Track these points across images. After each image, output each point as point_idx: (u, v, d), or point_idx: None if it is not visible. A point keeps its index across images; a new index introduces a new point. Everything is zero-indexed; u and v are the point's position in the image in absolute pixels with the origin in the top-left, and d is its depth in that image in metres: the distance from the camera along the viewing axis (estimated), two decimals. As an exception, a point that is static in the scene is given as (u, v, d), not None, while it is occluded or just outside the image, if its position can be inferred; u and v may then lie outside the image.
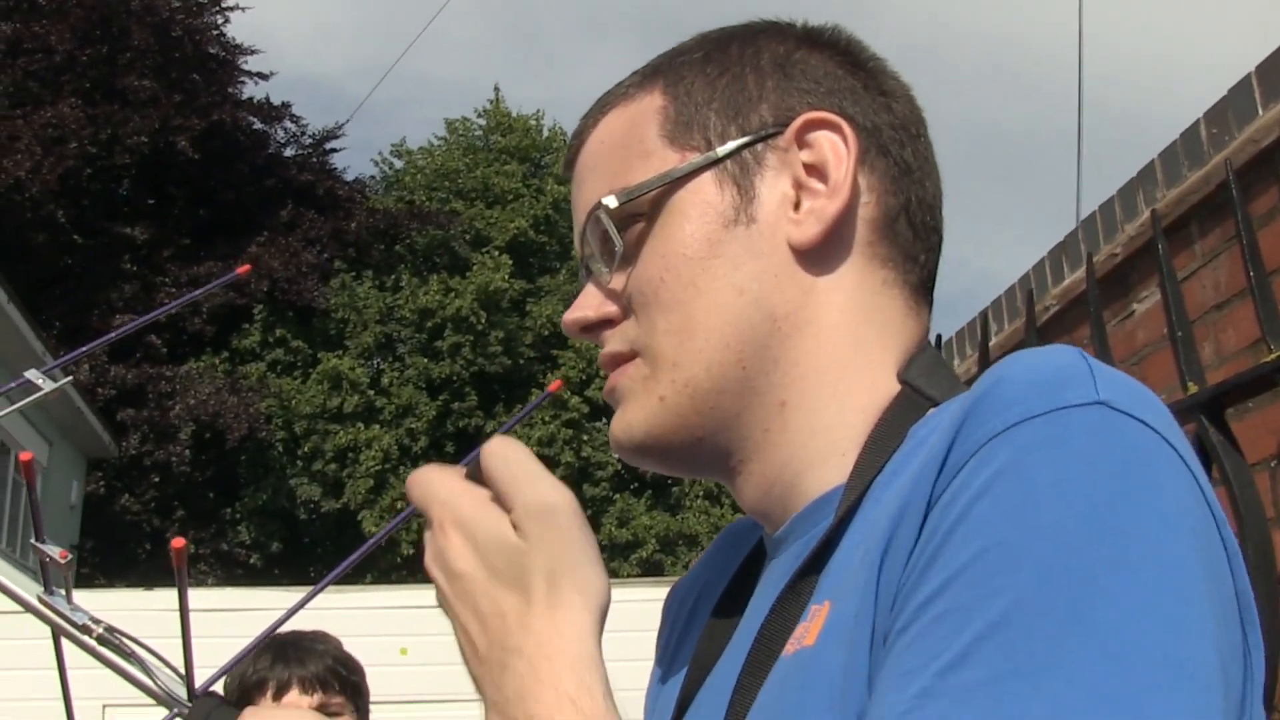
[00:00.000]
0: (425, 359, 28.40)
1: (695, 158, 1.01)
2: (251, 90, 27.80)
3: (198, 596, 7.48)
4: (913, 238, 1.02)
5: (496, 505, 0.89)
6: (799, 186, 1.00)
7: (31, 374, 1.44)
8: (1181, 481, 0.76)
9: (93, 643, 1.21)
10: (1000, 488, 0.74)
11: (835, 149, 0.99)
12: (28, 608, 1.24)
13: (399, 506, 26.57)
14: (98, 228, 24.18)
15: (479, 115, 33.69)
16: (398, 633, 6.05)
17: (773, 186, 1.00)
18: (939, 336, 3.94)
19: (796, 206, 1.00)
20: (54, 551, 1.20)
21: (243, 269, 1.89)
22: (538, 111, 33.59)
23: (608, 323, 1.05)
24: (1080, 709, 0.68)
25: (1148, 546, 0.72)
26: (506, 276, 28.52)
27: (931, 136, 1.07)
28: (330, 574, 1.34)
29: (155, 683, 1.23)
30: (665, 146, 1.02)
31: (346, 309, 28.09)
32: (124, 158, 23.89)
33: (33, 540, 1.20)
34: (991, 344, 3.78)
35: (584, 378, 27.76)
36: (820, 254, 0.99)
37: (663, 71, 1.06)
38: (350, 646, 2.75)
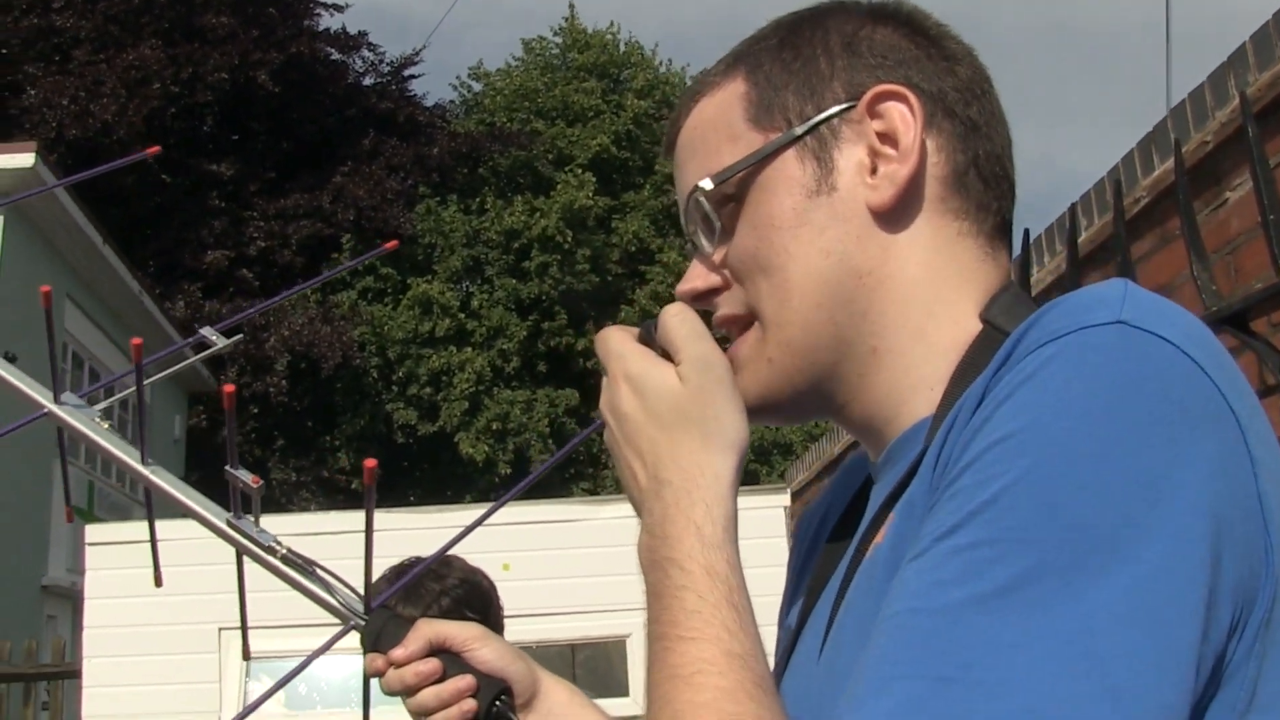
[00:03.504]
0: (513, 280, 28.53)
1: (777, 137, 1.11)
2: (327, 21, 27.93)
3: (332, 519, 7.63)
4: (983, 189, 1.11)
5: (663, 360, 1.07)
6: (873, 154, 1.09)
7: (206, 331, 1.53)
8: (1195, 390, 0.83)
9: (277, 563, 1.30)
10: (1020, 393, 0.85)
11: (903, 117, 1.08)
12: (217, 532, 1.32)
13: (494, 427, 26.90)
14: (184, 166, 24.45)
15: (555, 33, 33.58)
16: (500, 549, 6.14)
17: (849, 156, 1.09)
18: (1026, 233, 3.88)
19: (873, 172, 1.09)
20: (246, 477, 1.28)
21: (390, 244, 1.98)
22: (612, 25, 33.43)
23: (714, 291, 1.16)
24: (1034, 578, 0.78)
25: (1133, 449, 0.80)
26: (590, 194, 28.50)
27: (997, 91, 1.16)
28: (515, 488, 1.46)
29: (335, 598, 1.33)
30: (750, 129, 1.13)
31: (433, 234, 28.24)
32: (206, 95, 24.11)
33: (226, 467, 1.28)
34: (1080, 239, 3.72)
35: (672, 293, 27.73)
36: (897, 213, 1.08)
37: (743, 59, 1.17)
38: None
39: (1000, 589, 0.78)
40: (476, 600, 2.70)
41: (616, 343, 1.11)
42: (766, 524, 7.66)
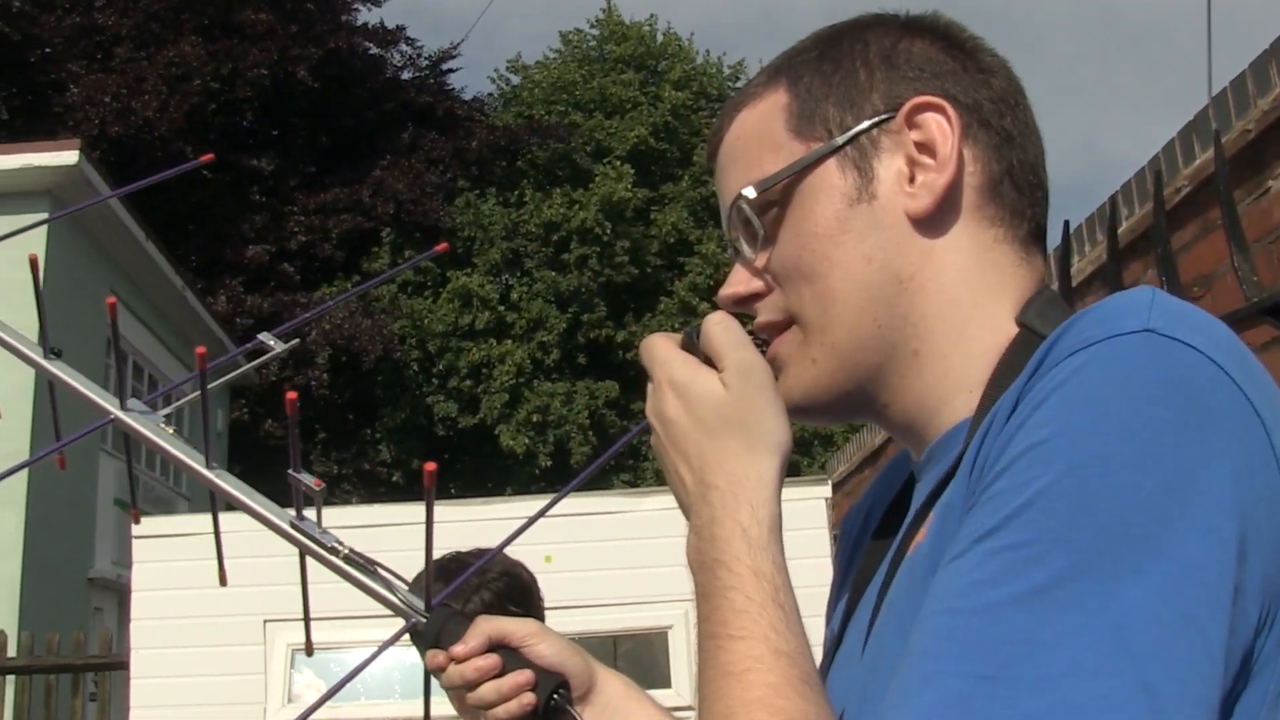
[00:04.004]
0: (553, 272, 28.58)
1: (818, 147, 1.14)
2: (365, 16, 28.04)
3: (374, 512, 7.68)
4: (1018, 196, 1.14)
5: (706, 367, 1.11)
6: (912, 163, 1.12)
7: (264, 336, 1.57)
8: (1220, 394, 0.86)
9: (340, 563, 1.33)
10: (1052, 400, 0.87)
11: (941, 128, 1.11)
12: (281, 533, 1.35)
13: (534, 420, 26.95)
14: (225, 162, 24.61)
15: (592, 25, 33.61)
16: (542, 542, 6.15)
17: (888, 165, 1.13)
18: (1066, 224, 3.87)
19: (911, 181, 1.12)
20: (308, 480, 1.32)
21: (440, 246, 2.01)
22: (651, 17, 33.42)
23: (756, 296, 1.19)
24: (1070, 578, 0.81)
25: (1161, 452, 0.83)
26: (629, 186, 28.52)
27: (1030, 101, 1.19)
28: (579, 476, 1.48)
29: (396, 596, 1.37)
30: (792, 139, 1.16)
31: (472, 227, 28.32)
32: (246, 91, 24.25)
33: (289, 470, 1.32)
34: (1120, 230, 3.71)
35: (711, 284, 27.74)
36: (935, 220, 1.12)
37: (784, 71, 1.20)
38: (499, 555, 2.78)
39: (1038, 588, 0.81)
40: (518, 593, 2.71)
41: (661, 350, 1.14)
42: (808, 515, 7.66)
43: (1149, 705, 0.77)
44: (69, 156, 14.14)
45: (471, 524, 5.37)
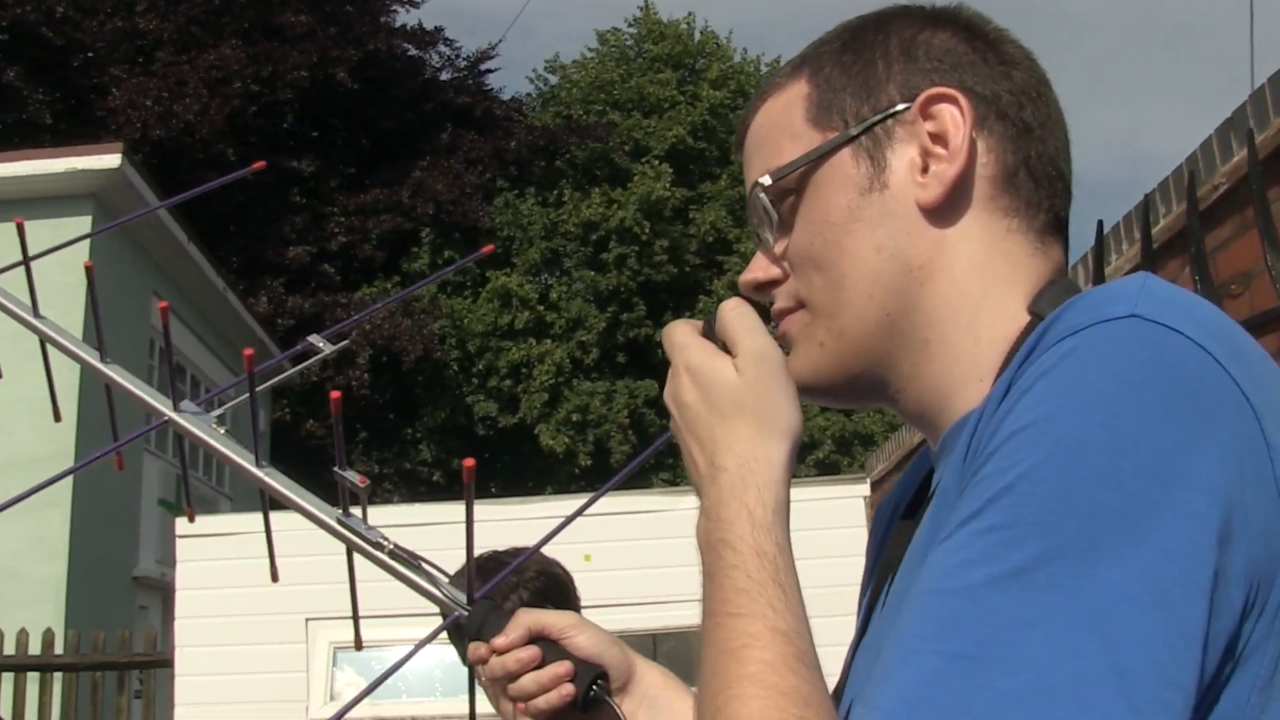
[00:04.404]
0: (592, 272, 28.63)
1: (834, 136, 1.16)
2: (404, 17, 28.13)
3: (416, 511, 7.73)
4: (1034, 187, 1.15)
5: (722, 353, 1.13)
6: (925, 153, 1.13)
7: (313, 338, 1.62)
8: (1206, 379, 0.87)
9: (385, 558, 1.37)
10: (1039, 386, 0.89)
11: (954, 118, 1.12)
12: (329, 529, 1.39)
13: (574, 419, 26.99)
14: (265, 162, 24.73)
15: (629, 24, 33.63)
16: (582, 540, 6.18)
17: (902, 155, 1.14)
18: (1100, 224, 3.86)
19: (924, 171, 1.13)
20: (353, 478, 1.35)
21: (486, 249, 2.03)
22: (688, 15, 33.43)
23: (774, 283, 1.21)
24: (1049, 560, 0.82)
25: (1143, 437, 0.85)
26: (668, 185, 28.53)
27: (1056, 95, 1.19)
28: (607, 483, 1.55)
29: (439, 590, 1.40)
30: (810, 129, 1.18)
31: (511, 227, 28.39)
32: (285, 93, 24.38)
33: (335, 468, 1.35)
34: (1157, 228, 3.70)
35: (749, 282, 27.65)
36: (945, 210, 1.13)
37: (808, 61, 1.22)
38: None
39: (1016, 570, 0.83)
40: (554, 592, 2.74)
41: (680, 336, 1.16)
42: (846, 514, 7.67)
43: (1120, 686, 0.78)
44: (112, 160, 14.24)
45: (510, 523, 5.40)
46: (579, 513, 1.44)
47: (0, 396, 12.92)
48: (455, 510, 7.53)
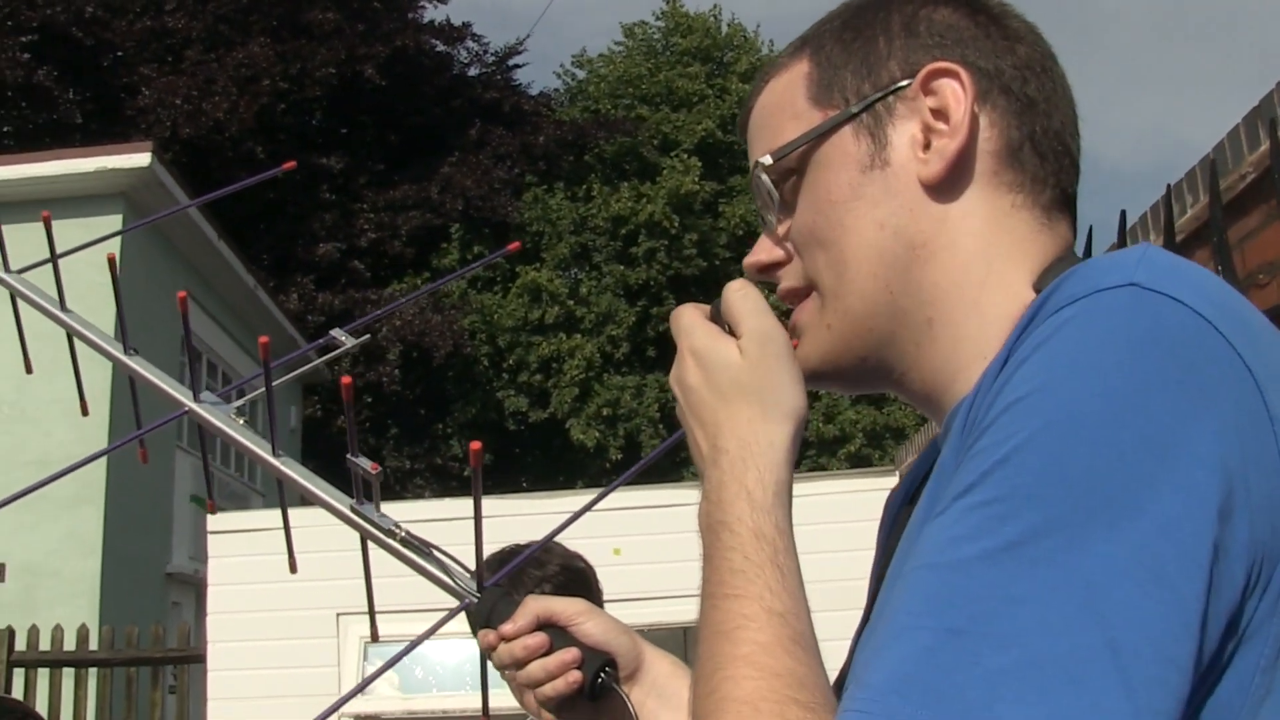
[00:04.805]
0: (621, 266, 28.61)
1: (835, 114, 1.15)
2: (431, 14, 28.19)
3: (445, 505, 7.75)
4: (1040, 163, 1.12)
5: (727, 336, 1.13)
6: (926, 129, 1.11)
7: (336, 332, 1.61)
8: (1206, 349, 0.85)
9: (397, 545, 1.38)
10: (1035, 357, 0.87)
11: (955, 93, 1.10)
12: (342, 517, 1.39)
13: (604, 413, 26.99)
14: (295, 161, 24.82)
15: (656, 18, 33.57)
16: (611, 534, 6.18)
17: (903, 132, 1.12)
18: (1123, 214, 3.84)
19: (925, 147, 1.11)
20: (365, 465, 1.36)
21: (512, 246, 2.04)
22: (714, 8, 33.33)
23: (778, 264, 1.20)
24: (1042, 534, 0.80)
25: (1140, 408, 0.82)
26: (697, 179, 28.50)
27: (1063, 69, 1.17)
28: (621, 476, 1.51)
29: (451, 578, 1.41)
30: (811, 108, 1.17)
31: (540, 222, 28.40)
32: (314, 90, 24.45)
33: (348, 456, 1.36)
34: (1184, 218, 3.68)
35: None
36: (947, 186, 1.10)
37: (809, 41, 1.20)
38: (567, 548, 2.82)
39: (1009, 544, 0.80)
40: (577, 585, 2.75)
41: (686, 319, 1.17)
42: (875, 506, 7.59)
43: (1114, 662, 0.76)
44: (142, 159, 14.31)
45: (539, 517, 5.41)
46: (584, 510, 1.44)
47: (37, 397, 13.05)
48: (486, 504, 7.54)
